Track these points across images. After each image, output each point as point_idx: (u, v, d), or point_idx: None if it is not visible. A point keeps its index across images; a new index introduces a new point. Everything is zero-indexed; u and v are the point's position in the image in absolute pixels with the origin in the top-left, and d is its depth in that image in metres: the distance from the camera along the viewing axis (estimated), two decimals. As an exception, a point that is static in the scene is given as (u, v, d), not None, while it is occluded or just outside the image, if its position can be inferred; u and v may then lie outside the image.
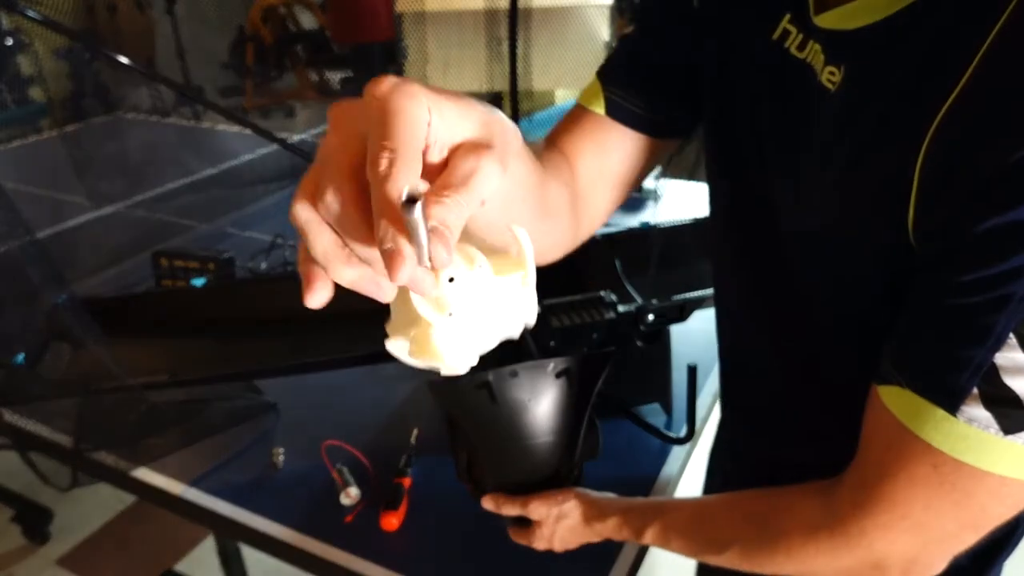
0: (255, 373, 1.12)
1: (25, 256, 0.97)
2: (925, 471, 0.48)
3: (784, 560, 0.59)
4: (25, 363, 1.05)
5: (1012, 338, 0.43)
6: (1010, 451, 0.45)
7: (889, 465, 0.50)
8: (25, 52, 3.26)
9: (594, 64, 0.71)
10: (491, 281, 0.39)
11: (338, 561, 0.91)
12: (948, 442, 0.47)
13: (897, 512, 0.50)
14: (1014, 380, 0.44)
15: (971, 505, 0.48)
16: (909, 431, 0.48)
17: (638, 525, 0.70)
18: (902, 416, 0.49)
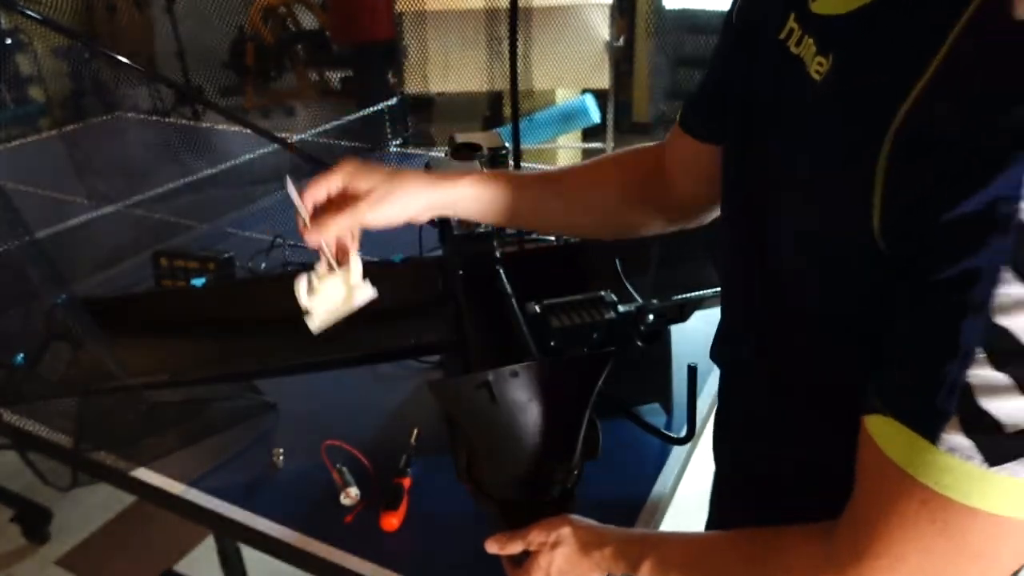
0: (255, 373, 1.12)
1: (25, 256, 0.97)
2: (915, 509, 0.45)
3: None
4: (25, 363, 1.05)
5: (981, 353, 0.41)
6: (999, 486, 0.42)
7: (881, 504, 0.47)
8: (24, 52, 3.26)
9: (594, 64, 0.76)
10: (334, 278, 0.82)
11: (338, 561, 0.91)
12: (932, 475, 0.43)
13: (893, 555, 0.47)
14: (990, 402, 0.41)
15: (968, 547, 0.44)
16: (894, 464, 0.45)
17: (635, 556, 0.68)
18: (886, 448, 0.46)
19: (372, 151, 2.45)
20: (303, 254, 1.69)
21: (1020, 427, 0.41)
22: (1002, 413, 0.41)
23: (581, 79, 3.22)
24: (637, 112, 5.35)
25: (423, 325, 1.16)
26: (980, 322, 0.40)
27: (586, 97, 3.26)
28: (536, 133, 3.31)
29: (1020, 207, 0.38)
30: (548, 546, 0.72)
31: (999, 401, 0.41)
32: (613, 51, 3.11)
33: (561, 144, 3.81)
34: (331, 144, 2.38)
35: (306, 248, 0.75)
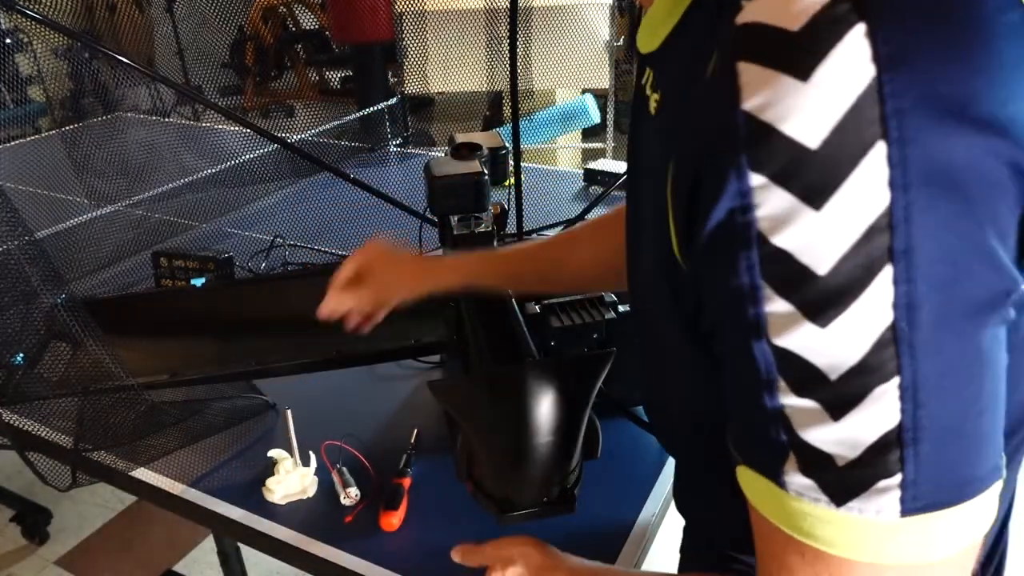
0: (255, 373, 1.12)
1: (25, 256, 0.97)
2: (797, 562, 0.40)
3: None
4: (25, 363, 1.05)
5: (780, 380, 0.37)
6: (856, 528, 0.37)
7: (769, 563, 0.43)
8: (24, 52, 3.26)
9: (594, 64, 0.75)
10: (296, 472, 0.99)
11: (338, 561, 0.91)
12: (792, 522, 0.39)
13: None
14: (809, 432, 0.37)
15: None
16: (763, 517, 0.41)
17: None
18: (753, 499, 0.42)
19: (372, 151, 2.45)
20: (303, 254, 1.69)
21: (849, 458, 0.36)
22: (826, 444, 0.36)
23: (581, 79, 3.22)
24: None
25: (423, 325, 1.16)
26: (765, 347, 0.37)
27: (586, 97, 3.26)
28: (536, 133, 3.31)
29: (754, 216, 0.35)
30: (502, 563, 0.71)
31: (816, 430, 0.36)
32: (613, 51, 3.11)
33: (561, 144, 3.81)
34: (331, 144, 2.38)
35: (306, 248, 0.76)
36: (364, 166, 2.33)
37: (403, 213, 1.65)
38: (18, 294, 0.97)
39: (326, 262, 1.65)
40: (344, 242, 1.72)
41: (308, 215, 1.89)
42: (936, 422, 0.35)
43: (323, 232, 1.77)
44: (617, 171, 1.95)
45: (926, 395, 0.34)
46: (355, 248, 0.97)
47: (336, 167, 1.76)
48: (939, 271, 0.33)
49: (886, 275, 0.33)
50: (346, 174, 1.68)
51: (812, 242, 0.34)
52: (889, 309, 0.34)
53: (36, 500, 2.29)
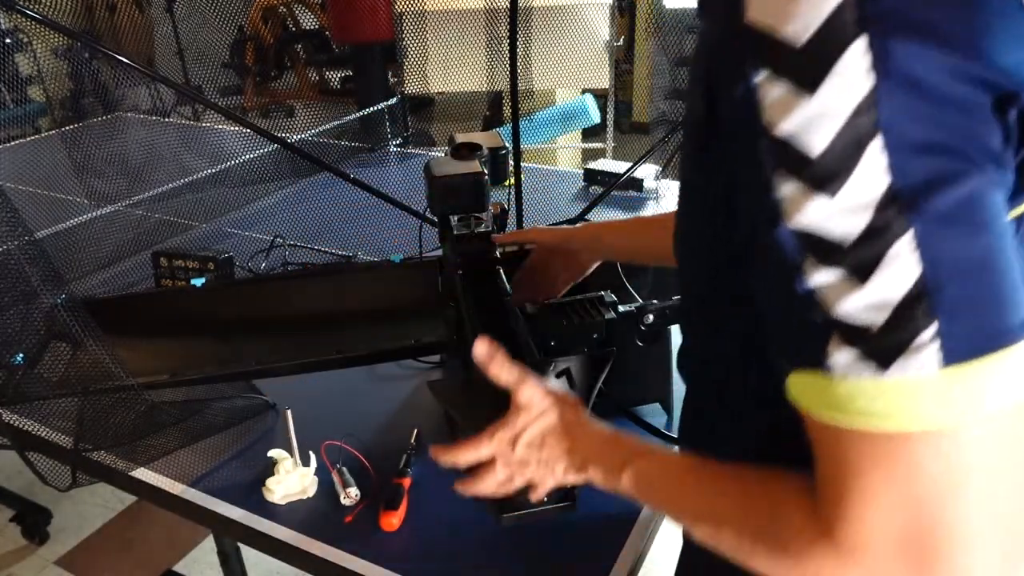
0: (255, 373, 1.12)
1: (25, 256, 0.97)
2: (860, 456, 0.42)
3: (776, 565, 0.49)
4: (25, 363, 1.05)
5: (805, 258, 0.40)
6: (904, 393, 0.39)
7: (829, 463, 0.44)
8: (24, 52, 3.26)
9: (594, 64, 0.76)
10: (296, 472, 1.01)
11: (338, 561, 0.91)
12: (846, 407, 0.41)
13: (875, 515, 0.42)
14: (842, 304, 0.40)
15: (921, 479, 0.40)
16: (813, 418, 0.44)
17: (618, 459, 0.62)
18: (804, 403, 0.44)
19: (372, 151, 2.45)
20: (303, 254, 1.69)
21: (881, 322, 0.39)
22: (858, 313, 0.39)
23: (581, 79, 3.22)
24: (637, 112, 5.35)
25: (423, 325, 1.16)
26: (786, 230, 0.41)
27: (586, 97, 3.26)
28: (536, 133, 3.31)
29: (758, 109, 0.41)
30: (537, 409, 0.67)
31: (847, 301, 0.39)
32: (613, 51, 3.11)
33: (561, 144, 3.81)
34: (331, 144, 2.38)
35: (306, 248, 0.76)
36: (364, 166, 2.33)
37: (403, 213, 1.65)
38: (18, 294, 0.97)
39: (326, 262, 1.65)
40: (344, 242, 1.72)
41: (308, 215, 1.90)
42: (953, 268, 0.38)
43: (323, 232, 1.77)
44: (617, 171, 1.95)
45: (937, 247, 0.38)
46: (355, 248, 0.97)
47: (336, 167, 1.76)
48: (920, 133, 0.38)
49: (876, 145, 0.38)
50: (346, 174, 1.68)
51: (809, 124, 0.39)
52: (884, 174, 0.38)
53: (36, 500, 2.29)
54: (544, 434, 0.66)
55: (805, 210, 0.40)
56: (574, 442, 0.65)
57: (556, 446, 0.66)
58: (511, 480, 0.68)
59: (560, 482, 0.67)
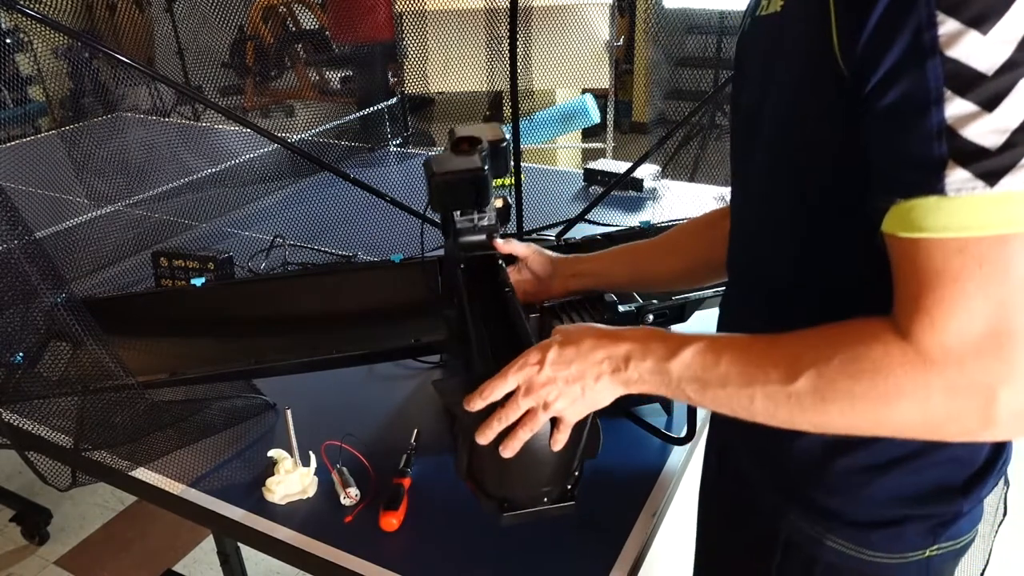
0: (255, 373, 1.12)
1: (25, 255, 0.97)
2: (958, 265, 0.49)
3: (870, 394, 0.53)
4: (24, 362, 1.05)
5: (946, 90, 0.48)
6: (1008, 203, 0.47)
7: (927, 281, 0.51)
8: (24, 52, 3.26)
9: (594, 64, 0.81)
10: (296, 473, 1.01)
11: (338, 561, 0.90)
12: (953, 220, 0.49)
13: (960, 316, 0.50)
14: (969, 130, 0.48)
15: (1011, 279, 0.48)
16: (921, 240, 0.50)
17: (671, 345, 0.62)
18: (906, 231, 0.51)
19: (372, 151, 2.45)
20: (303, 254, 1.69)
21: (999, 143, 0.47)
22: (982, 136, 0.47)
23: (581, 79, 3.22)
24: (637, 112, 5.35)
25: (423, 325, 1.16)
26: (937, 62, 0.48)
27: (586, 97, 3.26)
28: (536, 133, 3.31)
29: None
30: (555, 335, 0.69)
31: (974, 126, 0.47)
32: (613, 51, 3.11)
33: (561, 144, 3.81)
34: (331, 144, 2.38)
35: (306, 248, 0.77)
36: (364, 166, 2.33)
37: (403, 213, 1.65)
38: (18, 293, 0.97)
39: (326, 262, 1.65)
40: (344, 242, 1.72)
41: (308, 215, 1.90)
42: None
43: (323, 232, 1.77)
44: (617, 171, 1.95)
45: None
46: (355, 248, 0.99)
47: (336, 167, 1.76)
48: None
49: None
50: (346, 174, 1.68)
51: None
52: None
53: (36, 500, 2.29)
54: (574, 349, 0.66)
55: (960, 44, 0.47)
56: (613, 344, 0.65)
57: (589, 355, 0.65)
58: (535, 416, 0.67)
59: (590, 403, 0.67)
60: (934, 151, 0.49)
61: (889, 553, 0.69)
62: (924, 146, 0.49)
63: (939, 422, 0.53)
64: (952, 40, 0.47)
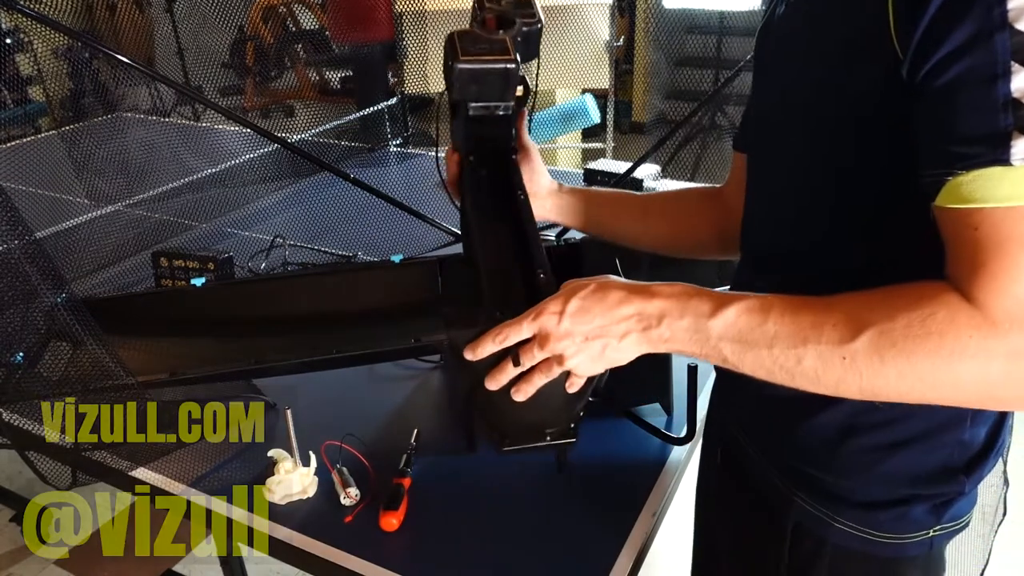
0: (255, 373, 1.11)
1: (25, 255, 0.97)
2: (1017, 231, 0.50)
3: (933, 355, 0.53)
4: (24, 362, 1.05)
5: (1014, 65, 0.49)
6: None
7: (994, 250, 0.52)
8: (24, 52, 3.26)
9: (594, 64, 0.79)
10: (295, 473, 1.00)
11: (338, 561, 0.91)
12: (1019, 192, 0.50)
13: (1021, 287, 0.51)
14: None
15: None
16: (980, 211, 0.51)
17: (711, 302, 0.59)
18: (969, 202, 0.52)
19: (372, 151, 2.45)
20: (303, 254, 1.69)
21: None
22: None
23: (581, 79, 3.22)
24: (637, 112, 5.35)
25: (423, 325, 1.16)
26: (1006, 35, 0.49)
27: (586, 97, 3.26)
28: (536, 133, 3.31)
29: None
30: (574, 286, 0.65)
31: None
32: (613, 51, 3.11)
33: (561, 144, 3.81)
34: (331, 144, 2.38)
35: (306, 248, 0.77)
36: (364, 166, 2.33)
37: (403, 213, 1.65)
38: (18, 293, 0.97)
39: (326, 262, 1.65)
40: (344, 242, 1.72)
41: (308, 215, 1.90)
42: None
43: (323, 232, 1.77)
44: (617, 171, 1.95)
45: None
46: (355, 248, 0.98)
47: (336, 167, 1.76)
48: None
49: None
50: (346, 174, 1.68)
51: None
52: None
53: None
54: (599, 302, 0.62)
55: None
56: (645, 300, 0.61)
57: (616, 310, 0.61)
58: (550, 366, 0.65)
59: (609, 361, 0.63)
60: (1000, 123, 0.50)
61: (895, 533, 0.71)
62: (988, 118, 0.50)
63: (995, 386, 0.54)
64: (1022, 14, 0.49)
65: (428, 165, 2.34)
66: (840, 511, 0.72)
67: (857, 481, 0.71)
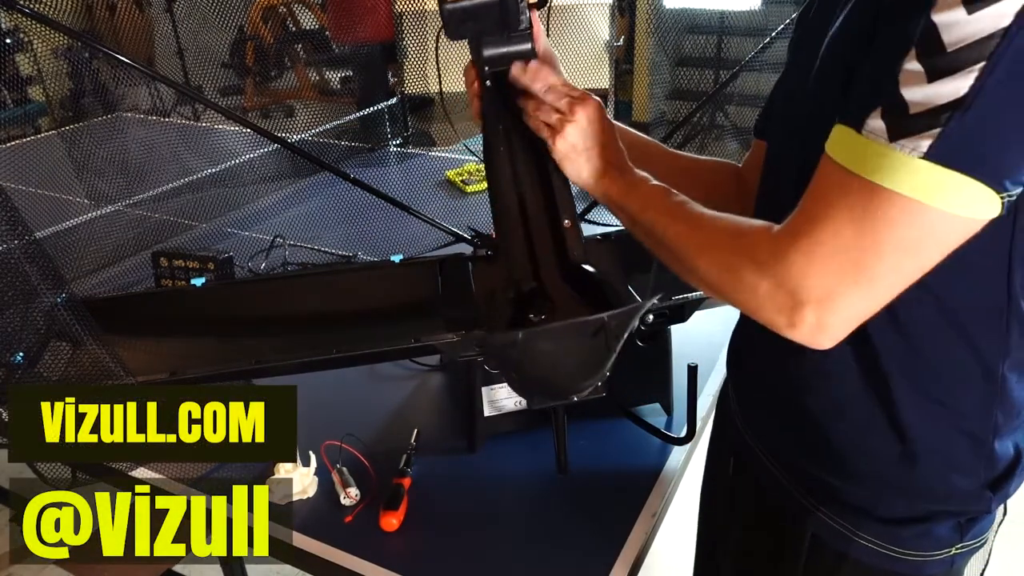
0: (255, 373, 1.11)
1: (25, 256, 0.97)
2: (836, 192, 0.55)
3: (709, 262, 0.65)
4: (24, 362, 1.05)
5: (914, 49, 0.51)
6: (895, 160, 0.51)
7: (813, 193, 0.57)
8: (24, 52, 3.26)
9: (594, 64, 0.80)
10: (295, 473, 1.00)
11: (338, 561, 0.91)
12: (849, 155, 0.54)
13: (813, 237, 0.56)
14: (907, 90, 0.51)
15: (876, 228, 0.53)
16: (828, 157, 0.56)
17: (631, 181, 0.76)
18: (828, 147, 0.56)
19: (372, 151, 2.45)
20: (303, 254, 1.69)
21: (919, 110, 0.50)
22: (912, 98, 0.51)
23: (581, 79, 3.22)
24: (637, 112, 5.35)
25: (423, 325, 1.16)
26: (926, 19, 0.50)
27: (586, 97, 3.26)
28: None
29: None
30: (577, 101, 0.76)
31: (913, 89, 0.51)
32: (613, 51, 3.11)
33: (561, 144, 3.81)
34: (331, 144, 2.38)
35: (306, 248, 0.77)
36: (364, 166, 2.33)
37: (403, 213, 1.65)
38: (18, 293, 0.97)
39: (326, 262, 1.65)
40: (344, 242, 1.72)
41: (308, 215, 1.90)
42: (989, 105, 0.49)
43: (323, 232, 1.77)
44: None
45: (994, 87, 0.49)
46: (355, 248, 0.97)
47: (336, 167, 1.76)
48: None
49: None
50: (346, 174, 1.68)
51: None
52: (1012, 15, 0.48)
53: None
54: (584, 134, 0.75)
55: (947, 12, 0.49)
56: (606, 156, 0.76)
57: (589, 151, 0.76)
58: None
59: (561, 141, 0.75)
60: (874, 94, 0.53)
61: (918, 550, 0.70)
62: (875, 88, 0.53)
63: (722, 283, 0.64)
64: (945, 6, 0.50)
65: (428, 165, 2.34)
66: (862, 525, 0.71)
67: (879, 497, 0.70)
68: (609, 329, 0.70)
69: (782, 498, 0.76)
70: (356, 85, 3.67)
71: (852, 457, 0.70)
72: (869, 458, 0.69)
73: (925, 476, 0.68)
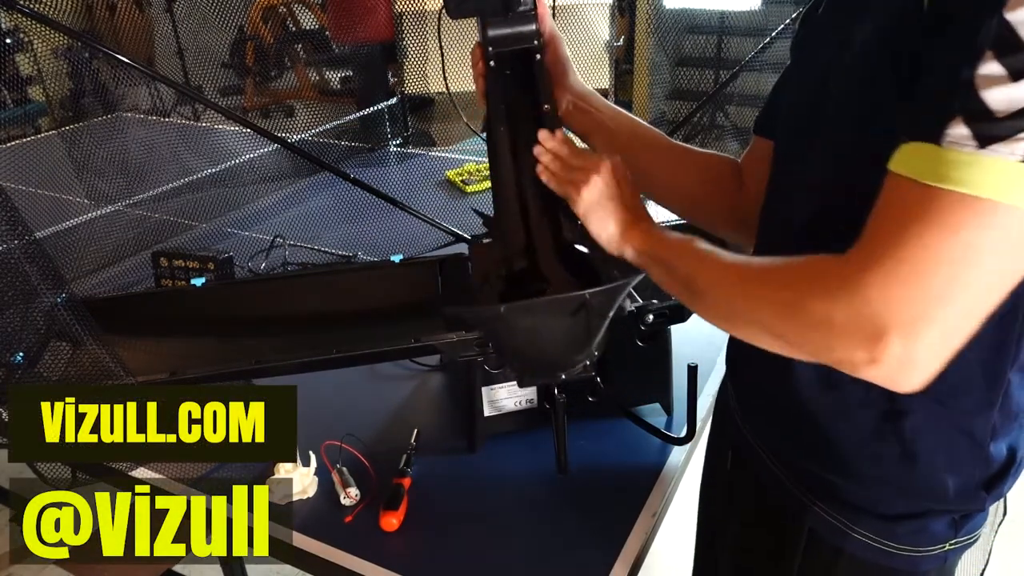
0: (255, 373, 1.11)
1: (25, 256, 0.97)
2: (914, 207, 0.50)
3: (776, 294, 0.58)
4: (24, 362, 1.05)
5: (989, 50, 0.48)
6: (990, 168, 0.48)
7: (885, 214, 0.53)
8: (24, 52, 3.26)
9: (594, 64, 0.80)
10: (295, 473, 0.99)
11: (338, 561, 0.91)
12: (928, 169, 0.50)
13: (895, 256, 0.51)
14: (988, 92, 0.48)
15: (970, 238, 0.49)
16: (901, 176, 0.52)
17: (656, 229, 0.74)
18: (897, 167, 0.52)
19: (372, 151, 2.45)
20: (303, 254, 1.69)
21: (1007, 111, 0.47)
22: (995, 101, 0.48)
23: (581, 79, 3.22)
24: (637, 112, 5.35)
25: (423, 325, 1.16)
26: (999, 18, 0.47)
27: (586, 97, 3.26)
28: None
29: None
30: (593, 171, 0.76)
31: (994, 91, 0.48)
32: (613, 51, 3.11)
33: (561, 144, 3.80)
34: (331, 144, 2.38)
35: (306, 248, 0.78)
36: (364, 166, 2.33)
37: (403, 213, 1.65)
38: (18, 293, 0.97)
39: (326, 262, 1.65)
40: (344, 242, 1.72)
41: (308, 215, 1.90)
42: None
43: (323, 232, 1.77)
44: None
45: None
46: (355, 248, 0.97)
47: (336, 167, 1.76)
48: None
49: None
50: (346, 174, 1.68)
51: None
52: None
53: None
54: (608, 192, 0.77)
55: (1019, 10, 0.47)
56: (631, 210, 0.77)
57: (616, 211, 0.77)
58: None
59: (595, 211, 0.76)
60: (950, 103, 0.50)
61: (912, 546, 0.71)
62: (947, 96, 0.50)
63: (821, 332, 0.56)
64: (1016, 4, 0.48)
65: (428, 165, 2.35)
66: (858, 521, 0.71)
67: (876, 493, 0.70)
68: (591, 307, 0.70)
69: (781, 495, 0.77)
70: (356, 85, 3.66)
71: (854, 459, 0.70)
72: (871, 460, 0.69)
73: (925, 476, 0.68)
